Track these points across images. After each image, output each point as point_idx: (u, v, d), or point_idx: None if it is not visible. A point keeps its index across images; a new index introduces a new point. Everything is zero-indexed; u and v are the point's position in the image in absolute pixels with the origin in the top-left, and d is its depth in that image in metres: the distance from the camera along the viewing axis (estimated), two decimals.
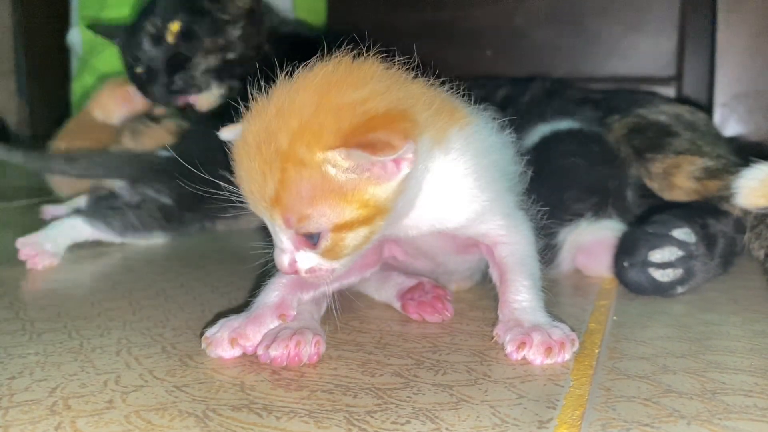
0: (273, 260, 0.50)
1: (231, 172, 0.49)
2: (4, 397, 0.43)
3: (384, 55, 0.50)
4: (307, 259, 0.48)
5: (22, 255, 0.80)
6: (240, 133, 0.48)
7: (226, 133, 0.50)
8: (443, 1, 1.41)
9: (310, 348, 0.49)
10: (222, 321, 0.51)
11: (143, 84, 1.09)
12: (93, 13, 1.36)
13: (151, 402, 0.42)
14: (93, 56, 1.41)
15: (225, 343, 0.49)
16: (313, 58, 0.49)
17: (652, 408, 0.41)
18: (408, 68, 0.51)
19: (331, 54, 0.49)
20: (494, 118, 0.55)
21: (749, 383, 0.45)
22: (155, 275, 0.78)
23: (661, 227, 0.66)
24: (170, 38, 1.04)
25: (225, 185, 0.49)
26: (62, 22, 1.51)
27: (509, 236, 0.54)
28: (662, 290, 0.65)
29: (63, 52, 1.49)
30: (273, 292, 0.52)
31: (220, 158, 0.52)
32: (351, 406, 0.42)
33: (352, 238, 0.47)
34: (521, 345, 0.49)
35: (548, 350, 0.48)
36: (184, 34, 1.04)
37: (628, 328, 0.57)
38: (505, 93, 1.03)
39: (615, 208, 0.77)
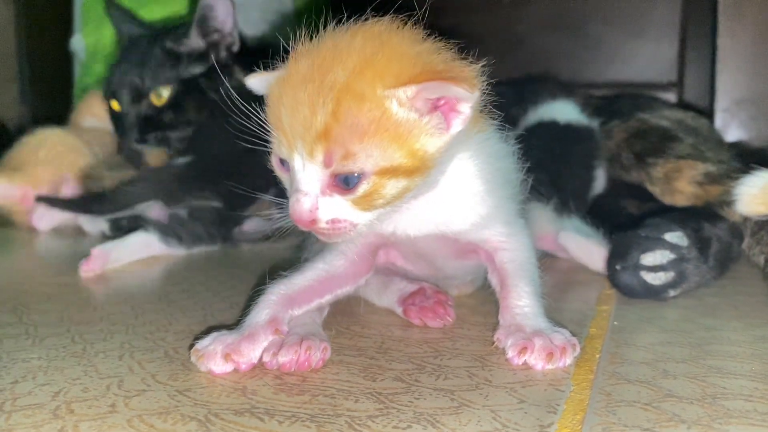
0: (263, 282, 0.50)
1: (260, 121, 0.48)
2: (7, 401, 0.43)
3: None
4: (332, 207, 0.46)
5: (91, 260, 0.79)
6: (282, 74, 0.47)
7: (255, 81, 0.49)
8: (444, 7, 1.41)
9: (318, 353, 0.49)
10: (214, 335, 0.49)
11: (115, 120, 1.08)
12: (98, 19, 1.37)
13: (153, 406, 0.43)
14: (95, 62, 1.41)
15: (218, 357, 0.47)
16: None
17: (652, 413, 0.42)
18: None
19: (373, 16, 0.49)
20: (501, 126, 0.56)
21: (749, 388, 0.45)
22: (157, 280, 0.79)
23: (654, 230, 0.66)
24: (156, 101, 1.03)
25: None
26: (65, 29, 1.52)
27: (509, 243, 0.54)
28: (654, 293, 0.65)
29: (66, 58, 1.49)
30: (264, 311, 0.51)
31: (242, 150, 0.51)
32: (352, 410, 0.42)
33: (392, 186, 0.46)
34: (522, 350, 0.49)
35: (550, 355, 0.48)
36: (172, 104, 1.03)
37: (628, 333, 0.57)
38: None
39: (576, 208, 0.80)
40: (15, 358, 0.51)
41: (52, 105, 1.56)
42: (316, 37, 0.48)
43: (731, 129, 1.28)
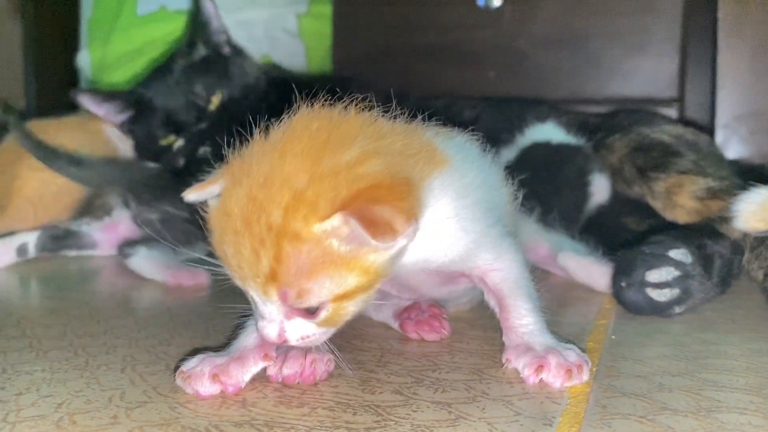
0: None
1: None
2: (12, 413, 0.44)
3: (356, 96, 0.48)
4: (299, 328, 0.46)
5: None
6: (219, 201, 0.45)
7: (193, 195, 0.47)
8: (447, 24, 1.43)
9: (322, 366, 0.49)
10: (201, 356, 0.49)
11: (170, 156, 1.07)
12: (102, 37, 1.39)
13: (154, 418, 0.43)
14: (102, 78, 1.43)
15: (205, 378, 0.46)
16: (284, 113, 0.47)
17: (647, 425, 0.42)
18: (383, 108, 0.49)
19: (305, 103, 0.47)
20: (475, 142, 0.54)
21: (744, 401, 0.46)
22: (161, 294, 0.80)
23: (658, 248, 0.67)
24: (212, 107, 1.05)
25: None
26: (71, 45, 1.54)
27: (498, 263, 0.52)
28: (660, 310, 0.66)
29: (72, 74, 1.51)
30: (252, 334, 0.49)
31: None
32: (351, 423, 0.43)
33: (353, 305, 0.45)
34: (539, 368, 0.49)
35: (568, 372, 0.48)
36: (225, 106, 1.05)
37: (625, 347, 0.57)
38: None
39: (565, 227, 0.82)
40: (19, 370, 0.52)
41: None
42: (247, 148, 0.46)
43: (732, 144, 1.29)
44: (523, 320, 0.52)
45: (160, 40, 1.34)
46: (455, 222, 0.49)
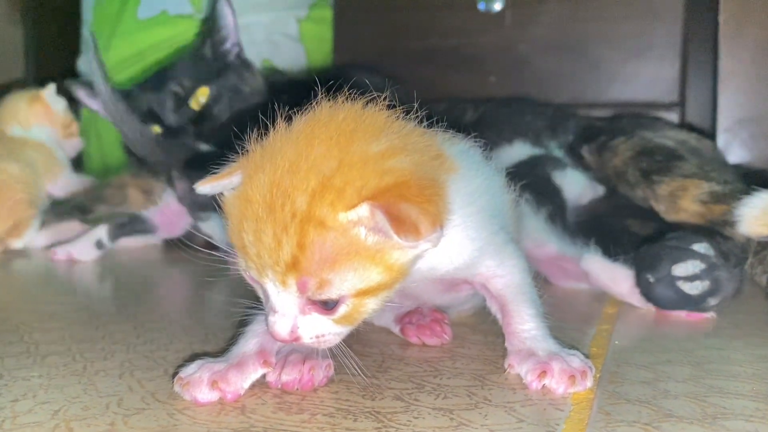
0: (251, 311, 0.48)
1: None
2: (7, 420, 0.43)
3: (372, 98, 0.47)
4: (314, 325, 0.44)
5: None
6: (239, 188, 0.44)
7: (207, 187, 0.46)
8: (448, 28, 1.43)
9: (321, 372, 0.49)
10: (199, 362, 0.48)
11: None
12: (103, 42, 1.38)
13: (152, 425, 0.43)
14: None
15: (204, 384, 0.45)
16: (312, 101, 0.46)
17: None
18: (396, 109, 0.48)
19: (331, 97, 0.46)
20: (477, 149, 0.54)
21: (750, 408, 0.45)
22: (159, 299, 0.79)
23: (681, 242, 0.66)
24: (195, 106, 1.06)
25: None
26: (73, 49, 1.54)
27: (501, 269, 0.52)
28: (694, 303, 0.65)
29: (74, 78, 1.51)
30: (251, 340, 0.49)
31: None
32: (351, 429, 0.42)
33: (374, 302, 0.44)
34: (542, 374, 0.48)
35: (572, 378, 0.47)
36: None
37: (629, 353, 0.57)
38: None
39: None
40: (16, 376, 0.51)
41: None
42: (269, 137, 0.45)
43: (733, 149, 1.29)
44: (525, 325, 0.51)
45: (161, 44, 1.34)
46: (462, 230, 0.48)
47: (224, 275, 0.57)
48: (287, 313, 0.44)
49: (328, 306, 0.43)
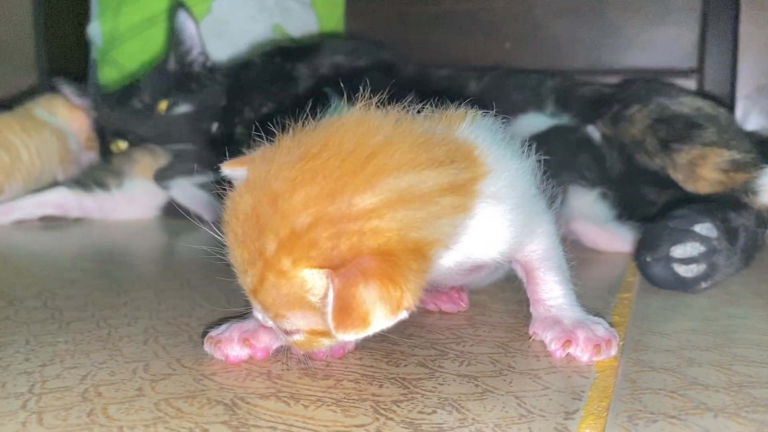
0: None
1: None
2: (37, 384, 0.44)
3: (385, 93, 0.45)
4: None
5: None
6: (237, 190, 0.44)
7: (227, 170, 0.46)
8: None
9: None
10: (228, 323, 0.49)
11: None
12: (113, 7, 1.37)
13: (180, 390, 0.43)
14: (113, 49, 1.42)
15: (234, 342, 0.47)
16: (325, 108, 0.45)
17: (678, 400, 0.41)
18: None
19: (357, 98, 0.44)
20: (500, 125, 0.51)
21: None
22: (179, 266, 0.79)
23: (683, 222, 0.66)
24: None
25: None
26: (82, 16, 1.52)
27: (530, 237, 0.50)
28: (686, 286, 0.65)
29: (83, 45, 1.50)
30: None
31: None
32: (377, 395, 0.42)
33: (330, 341, 0.44)
34: (566, 343, 0.48)
35: (597, 347, 0.47)
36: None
37: (652, 321, 0.57)
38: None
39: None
40: (42, 341, 0.52)
41: None
42: (278, 145, 0.43)
43: (752, 116, 1.27)
44: (551, 293, 0.51)
45: (170, 10, 1.32)
46: (499, 225, 0.46)
47: None
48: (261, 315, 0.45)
49: (282, 329, 0.44)
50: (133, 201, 1.10)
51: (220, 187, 0.45)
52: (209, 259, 0.46)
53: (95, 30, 1.45)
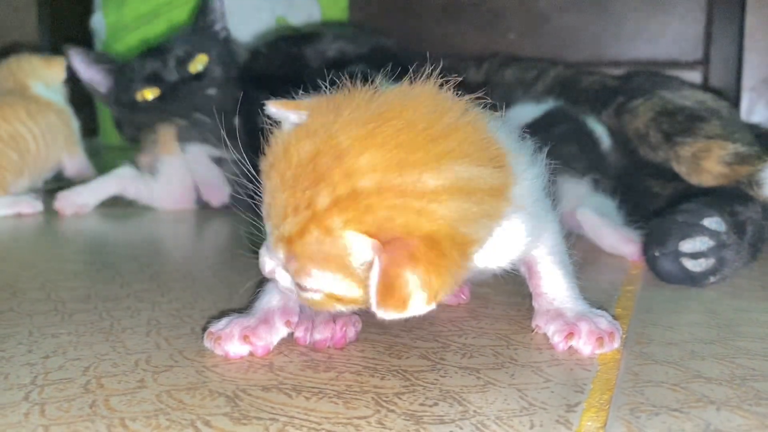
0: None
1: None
2: (40, 375, 0.44)
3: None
4: (287, 281, 0.44)
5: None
6: (291, 133, 0.41)
7: (275, 109, 0.43)
8: None
9: (353, 329, 0.49)
10: (228, 318, 0.49)
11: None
12: None
13: (182, 382, 0.43)
14: (116, 41, 1.42)
15: (235, 338, 0.46)
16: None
17: (680, 393, 0.41)
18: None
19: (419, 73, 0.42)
20: (514, 128, 0.50)
21: None
22: (182, 258, 0.80)
23: (691, 216, 0.65)
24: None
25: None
26: (86, 8, 1.52)
27: (537, 242, 0.50)
28: (694, 280, 0.65)
29: (87, 37, 1.50)
30: (276, 296, 0.49)
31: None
32: (379, 387, 0.42)
33: (342, 307, 0.43)
34: (569, 335, 0.48)
35: (599, 340, 0.47)
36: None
37: (655, 314, 0.57)
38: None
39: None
40: (45, 333, 0.52)
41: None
42: (353, 93, 0.42)
43: (758, 108, 1.26)
44: (554, 287, 0.51)
45: (175, 1, 1.32)
46: (519, 232, 0.46)
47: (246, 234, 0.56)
48: (273, 259, 0.44)
49: (300, 284, 0.43)
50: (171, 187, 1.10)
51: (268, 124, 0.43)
52: (212, 251, 0.46)
53: (99, 21, 1.45)
